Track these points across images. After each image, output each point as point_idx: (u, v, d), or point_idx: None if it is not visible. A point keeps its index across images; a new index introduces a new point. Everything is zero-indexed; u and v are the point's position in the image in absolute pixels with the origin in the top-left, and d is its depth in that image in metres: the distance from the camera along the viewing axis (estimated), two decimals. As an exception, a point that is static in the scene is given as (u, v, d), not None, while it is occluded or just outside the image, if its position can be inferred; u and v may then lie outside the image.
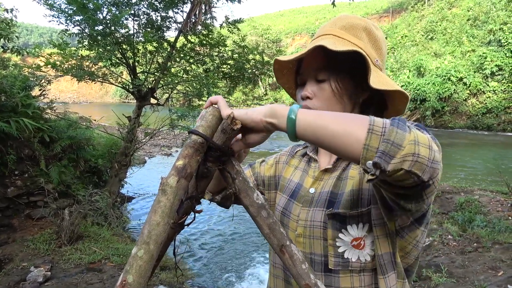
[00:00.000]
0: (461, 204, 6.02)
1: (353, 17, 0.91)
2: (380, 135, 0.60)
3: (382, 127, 0.61)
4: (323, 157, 0.99)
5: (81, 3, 5.11)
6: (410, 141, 0.60)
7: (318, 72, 0.88)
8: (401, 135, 0.60)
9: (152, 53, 6.58)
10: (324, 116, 0.67)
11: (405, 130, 0.60)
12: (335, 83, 0.87)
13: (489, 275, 3.64)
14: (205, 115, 0.73)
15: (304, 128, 0.68)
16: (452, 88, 25.36)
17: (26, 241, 4.52)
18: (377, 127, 0.61)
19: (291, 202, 0.97)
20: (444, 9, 34.70)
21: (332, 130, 0.64)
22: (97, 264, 4.13)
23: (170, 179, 0.66)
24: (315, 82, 0.89)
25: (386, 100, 0.92)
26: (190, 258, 5.51)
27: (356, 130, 0.62)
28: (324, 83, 0.88)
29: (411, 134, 0.60)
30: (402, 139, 0.59)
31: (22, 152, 4.95)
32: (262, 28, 43.50)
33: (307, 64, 0.91)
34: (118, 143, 6.78)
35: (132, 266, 0.59)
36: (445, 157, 4.96)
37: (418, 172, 0.61)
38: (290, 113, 0.69)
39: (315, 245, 0.88)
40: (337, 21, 0.91)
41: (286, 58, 0.91)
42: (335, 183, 0.90)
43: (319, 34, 0.91)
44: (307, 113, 0.69)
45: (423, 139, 0.61)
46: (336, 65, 0.87)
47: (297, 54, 0.88)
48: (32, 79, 5.51)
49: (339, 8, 38.36)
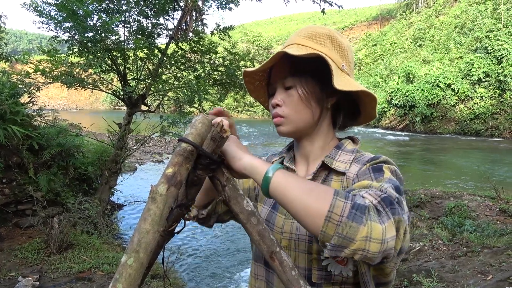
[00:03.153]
0: (451, 209, 6.08)
1: (317, 27, 0.94)
2: (336, 224, 0.63)
3: (339, 216, 0.63)
4: (300, 167, 0.99)
5: (71, 10, 5.09)
6: (362, 236, 0.62)
7: (285, 80, 0.91)
8: (354, 230, 0.62)
9: (143, 60, 6.57)
10: (293, 188, 0.70)
11: (361, 223, 0.62)
12: (301, 89, 0.89)
13: (479, 279, 3.68)
14: (195, 123, 0.74)
15: (275, 191, 0.71)
16: (440, 94, 25.73)
17: (14, 250, 4.44)
18: (335, 215, 0.63)
19: (274, 213, 0.97)
20: (432, 17, 35.32)
21: (296, 205, 0.68)
22: (86, 273, 4.07)
23: (160, 187, 0.66)
24: (283, 90, 0.92)
25: (359, 105, 0.94)
26: (181, 266, 5.46)
27: (315, 215, 0.65)
28: (292, 89, 0.90)
29: (365, 229, 0.62)
30: (355, 234, 0.62)
31: (10, 159, 4.89)
32: (253, 35, 43.77)
33: (275, 73, 0.93)
34: (109, 150, 6.73)
35: (122, 274, 0.58)
36: (434, 163, 5.07)
37: (369, 261, 0.65)
38: (267, 173, 0.73)
39: (299, 258, 0.88)
40: (301, 31, 0.94)
41: (253, 69, 0.93)
42: None
43: (286, 44, 0.94)
44: (281, 179, 0.71)
45: (377, 233, 0.62)
46: (301, 71, 0.89)
47: (264, 64, 0.90)
48: (21, 86, 5.45)
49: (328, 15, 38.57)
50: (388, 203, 0.66)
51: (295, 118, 0.90)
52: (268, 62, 0.89)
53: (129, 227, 6.73)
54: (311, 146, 0.96)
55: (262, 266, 0.96)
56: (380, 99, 30.25)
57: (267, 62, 0.89)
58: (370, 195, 0.67)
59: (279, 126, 0.92)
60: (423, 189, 7.45)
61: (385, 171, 0.79)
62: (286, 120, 0.90)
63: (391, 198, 0.67)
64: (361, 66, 38.42)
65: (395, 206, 0.67)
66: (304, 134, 0.94)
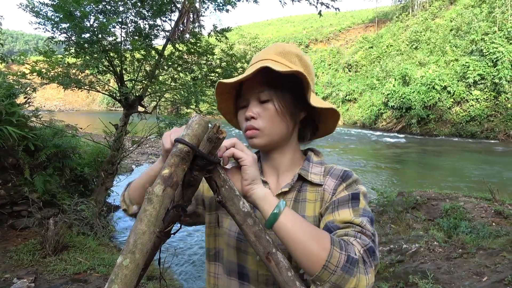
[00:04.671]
0: (447, 211, 6.11)
1: (286, 45, 1.00)
2: (330, 273, 0.72)
3: (335, 266, 0.72)
4: (271, 178, 1.00)
5: (68, 11, 5.07)
6: (351, 287, 0.72)
7: (261, 93, 0.93)
8: (345, 280, 0.72)
9: (139, 61, 6.56)
10: (298, 231, 0.76)
11: (351, 275, 0.72)
12: (278, 103, 0.93)
13: (474, 281, 3.69)
14: (191, 124, 0.74)
15: (280, 229, 0.77)
16: (436, 96, 25.83)
17: (9, 252, 4.41)
18: (331, 264, 0.72)
19: None
20: (428, 20, 35.48)
21: (298, 248, 0.75)
22: (82, 275, 4.05)
23: (156, 188, 0.66)
24: (258, 103, 0.94)
25: (317, 121, 1.02)
26: (177, 267, 5.45)
27: (314, 261, 0.73)
28: (268, 103, 0.93)
29: (354, 280, 0.72)
30: (345, 284, 0.72)
31: (6, 160, 4.86)
32: (250, 37, 43.80)
33: (249, 86, 0.95)
34: (105, 152, 6.70)
35: (118, 275, 0.59)
36: (430, 165, 5.10)
37: None
38: (278, 208, 0.78)
39: None
40: (272, 48, 0.98)
41: (231, 80, 0.93)
42: (294, 205, 0.94)
43: (256, 60, 0.96)
44: (288, 219, 0.77)
45: (362, 284, 0.73)
46: (278, 86, 0.93)
47: (241, 76, 0.91)
48: (17, 87, 5.43)
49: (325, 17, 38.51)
50: (371, 252, 0.78)
51: (270, 131, 0.91)
52: (250, 74, 0.89)
53: (125, 229, 6.70)
54: (282, 158, 0.99)
55: (236, 280, 0.96)
56: (377, 101, 30.32)
57: (249, 74, 0.89)
58: (358, 243, 0.77)
59: (253, 138, 0.93)
60: (419, 191, 7.48)
61: (361, 199, 0.89)
62: (261, 133, 0.92)
63: (373, 246, 0.79)
64: (358, 68, 38.50)
65: (376, 252, 0.79)
66: (276, 146, 0.97)
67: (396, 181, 12.30)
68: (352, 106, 35.25)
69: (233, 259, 0.96)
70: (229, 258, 0.97)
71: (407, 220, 6.17)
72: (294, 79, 0.91)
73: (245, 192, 0.80)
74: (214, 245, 1.03)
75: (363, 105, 33.17)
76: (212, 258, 1.03)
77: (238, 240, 0.96)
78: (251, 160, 0.79)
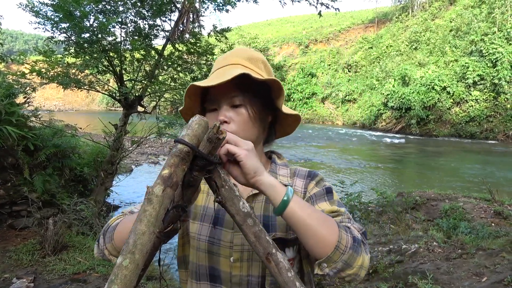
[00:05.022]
0: (446, 211, 6.11)
1: (252, 51, 1.04)
2: (341, 253, 0.79)
3: (345, 246, 0.79)
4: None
5: (68, 11, 5.07)
6: (358, 265, 0.80)
7: (235, 98, 0.94)
8: (354, 259, 0.80)
9: (139, 61, 6.56)
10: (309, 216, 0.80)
11: (358, 254, 0.81)
12: (251, 108, 0.95)
13: (474, 281, 3.69)
14: (191, 124, 0.73)
15: (291, 215, 0.79)
16: (436, 97, 25.86)
17: (8, 251, 4.41)
18: (342, 245, 0.79)
19: (218, 229, 0.97)
20: (427, 20, 35.52)
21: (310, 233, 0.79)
22: (82, 275, 4.04)
23: (156, 188, 0.66)
24: (230, 108, 0.95)
25: (278, 124, 1.07)
26: (177, 267, 5.44)
27: (327, 244, 0.79)
28: (240, 108, 0.95)
29: (360, 258, 0.80)
30: (354, 262, 0.80)
31: (5, 160, 4.86)
32: (250, 37, 43.78)
33: (221, 90, 0.94)
34: (104, 152, 6.70)
35: (117, 276, 0.58)
36: (430, 165, 5.10)
37: (353, 281, 0.84)
38: (287, 196, 0.80)
39: (253, 267, 0.94)
40: (240, 53, 1.01)
41: (207, 83, 0.91)
42: (265, 206, 0.97)
43: (224, 64, 0.99)
44: (298, 205, 0.80)
45: (366, 263, 0.82)
46: (250, 92, 0.95)
47: (220, 80, 0.89)
48: (17, 87, 5.42)
49: (325, 17, 38.80)
50: (366, 236, 0.88)
51: (242, 136, 0.91)
52: (230, 79, 0.89)
53: (125, 229, 6.68)
54: None
55: (206, 284, 0.97)
56: (376, 102, 30.34)
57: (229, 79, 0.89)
58: (354, 228, 0.86)
59: None
60: (418, 191, 7.49)
61: (334, 193, 0.98)
62: None
63: (365, 231, 0.88)
64: (357, 69, 38.51)
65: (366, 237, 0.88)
66: None
67: (396, 181, 12.31)
68: (352, 107, 35.29)
69: (203, 262, 0.97)
70: (199, 263, 0.97)
71: (406, 221, 6.17)
72: (264, 85, 0.95)
73: (252, 185, 0.80)
74: (183, 253, 1.04)
75: (362, 106, 33.19)
76: (183, 266, 1.05)
77: (210, 243, 0.96)
78: (246, 153, 0.78)
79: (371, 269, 4.26)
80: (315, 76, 40.23)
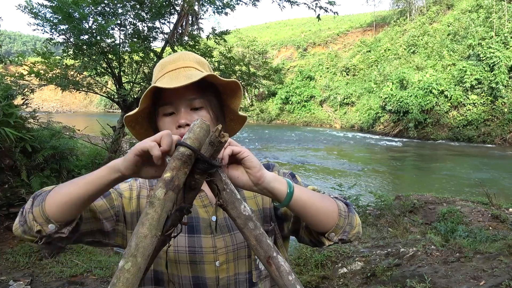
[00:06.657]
0: (444, 215, 6.12)
1: (196, 55, 1.06)
2: (344, 218, 0.89)
3: (344, 211, 0.90)
4: (205, 185, 0.93)
5: (67, 13, 5.07)
6: (358, 223, 0.93)
7: (194, 101, 0.94)
8: (354, 219, 0.91)
9: (138, 63, 6.56)
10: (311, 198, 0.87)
11: (354, 213, 0.92)
12: (211, 110, 0.97)
13: (471, 285, 3.70)
14: (193, 128, 0.74)
15: (298, 200, 0.84)
16: (434, 100, 25.92)
17: (5, 253, 4.38)
18: (342, 211, 0.90)
19: (197, 237, 0.95)
20: (425, 24, 35.66)
21: (317, 210, 0.87)
22: (79, 277, 4.02)
23: (157, 191, 0.66)
24: (190, 111, 0.94)
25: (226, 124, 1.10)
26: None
27: (332, 214, 0.88)
28: (201, 110, 0.95)
29: (356, 217, 0.93)
30: (354, 221, 0.91)
31: (3, 162, 4.84)
32: (249, 40, 43.83)
33: (177, 93, 0.92)
34: (102, 154, 6.69)
35: (119, 279, 0.58)
36: (428, 169, 5.10)
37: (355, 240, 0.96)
38: (289, 185, 0.84)
39: (239, 266, 0.95)
40: (191, 57, 1.03)
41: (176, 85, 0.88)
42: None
43: (175, 67, 0.98)
44: (300, 190, 0.85)
45: (359, 221, 0.94)
46: (208, 94, 0.97)
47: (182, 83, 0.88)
48: (15, 88, 5.41)
49: (323, 21, 38.79)
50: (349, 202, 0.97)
51: None
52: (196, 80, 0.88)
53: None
54: None
55: None
56: (374, 105, 30.39)
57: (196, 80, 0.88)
58: (338, 198, 0.95)
59: None
60: (416, 195, 7.49)
61: (297, 176, 1.07)
62: None
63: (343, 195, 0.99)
64: (356, 72, 38.59)
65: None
66: None
67: (393, 184, 12.32)
68: (350, 110, 35.33)
69: (186, 274, 0.93)
70: (181, 274, 0.93)
71: (404, 224, 6.17)
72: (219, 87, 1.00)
73: (258, 179, 0.81)
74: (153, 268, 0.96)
75: (360, 109, 33.24)
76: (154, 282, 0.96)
77: (191, 253, 0.93)
78: (248, 151, 0.81)
79: (369, 272, 4.26)
80: (314, 79, 40.30)
